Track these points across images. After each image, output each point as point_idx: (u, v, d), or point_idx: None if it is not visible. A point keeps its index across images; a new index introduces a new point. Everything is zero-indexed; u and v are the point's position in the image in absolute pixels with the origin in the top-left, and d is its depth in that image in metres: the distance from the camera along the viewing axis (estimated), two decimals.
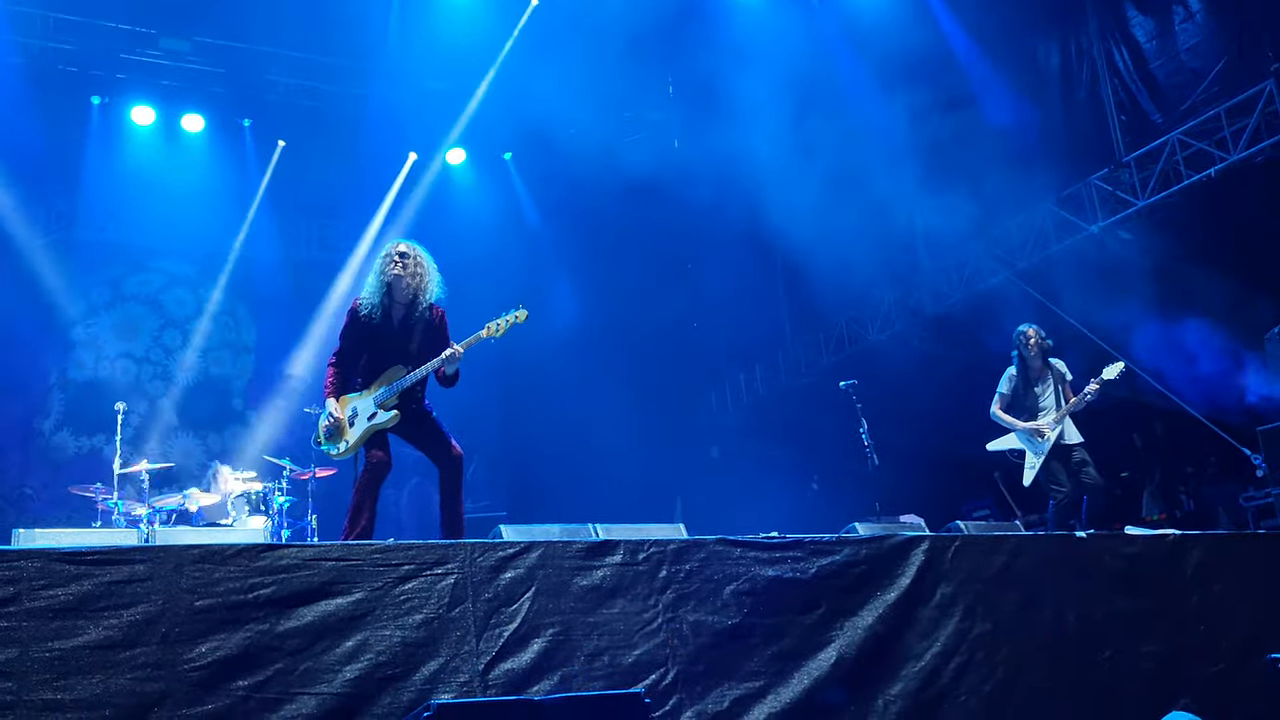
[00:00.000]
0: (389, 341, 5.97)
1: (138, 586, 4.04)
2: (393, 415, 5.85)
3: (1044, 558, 5.78)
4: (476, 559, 4.62)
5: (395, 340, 5.98)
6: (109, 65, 13.13)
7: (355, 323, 6.00)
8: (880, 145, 12.83)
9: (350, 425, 5.88)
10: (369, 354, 5.98)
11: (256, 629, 4.15)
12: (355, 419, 5.89)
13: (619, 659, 4.63)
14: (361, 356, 6.00)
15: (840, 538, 5.45)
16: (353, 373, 6.02)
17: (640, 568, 4.87)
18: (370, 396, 5.91)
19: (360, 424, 5.88)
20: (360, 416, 5.89)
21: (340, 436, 5.89)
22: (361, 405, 5.92)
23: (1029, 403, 8.32)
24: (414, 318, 6.00)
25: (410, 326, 6.00)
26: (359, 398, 5.94)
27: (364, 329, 5.97)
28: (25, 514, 12.72)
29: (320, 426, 5.96)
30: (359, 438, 5.87)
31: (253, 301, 14.94)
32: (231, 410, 14.55)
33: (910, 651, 5.17)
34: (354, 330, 6.01)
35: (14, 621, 3.82)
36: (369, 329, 5.96)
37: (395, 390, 5.86)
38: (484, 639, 4.47)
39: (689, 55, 13.38)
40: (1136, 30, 11.28)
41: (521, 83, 13.33)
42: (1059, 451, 8.07)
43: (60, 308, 13.88)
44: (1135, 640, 5.68)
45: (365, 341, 5.98)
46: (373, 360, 5.97)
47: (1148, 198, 10.79)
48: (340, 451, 5.90)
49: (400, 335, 5.98)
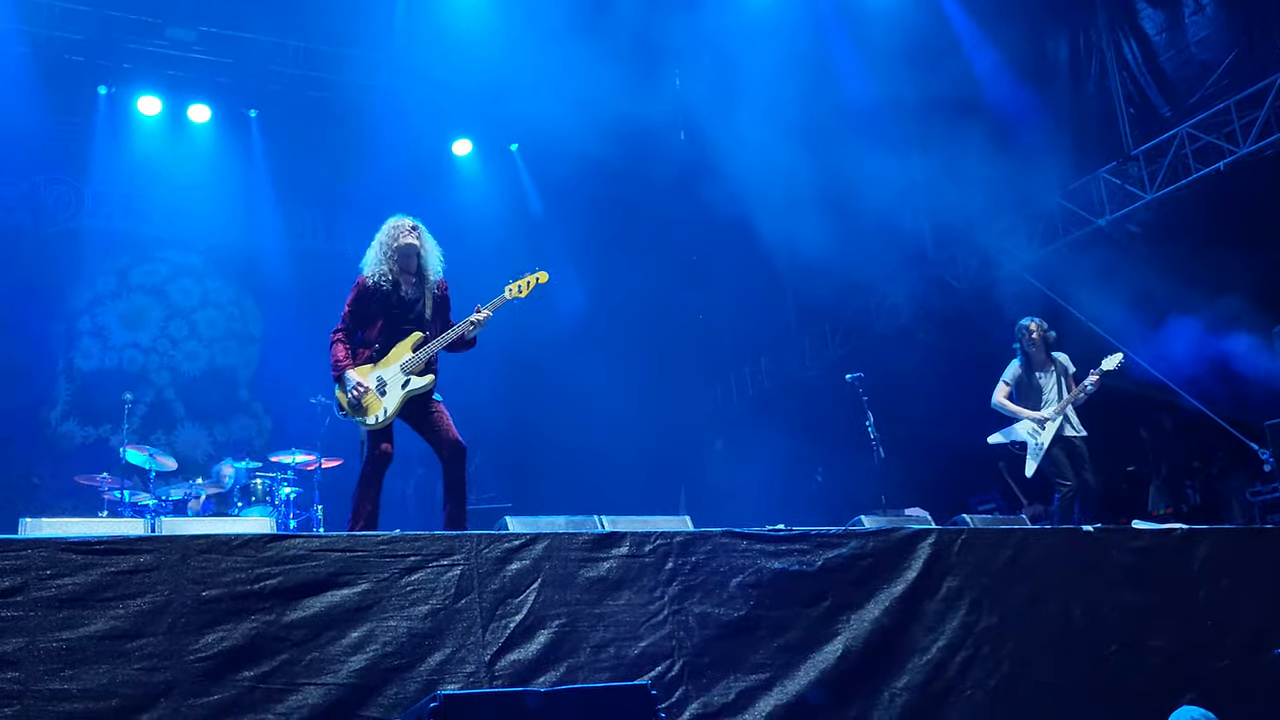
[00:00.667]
0: (402, 310, 5.99)
1: (144, 576, 4.04)
2: (428, 380, 5.89)
3: (1050, 552, 5.77)
4: (482, 550, 4.62)
5: (408, 309, 6.00)
6: (115, 55, 13.09)
7: (364, 295, 5.99)
8: (887, 136, 12.80)
9: (382, 394, 5.82)
10: (384, 323, 5.95)
11: (263, 619, 4.15)
12: (385, 387, 5.83)
13: (625, 651, 4.63)
14: (372, 327, 5.96)
15: (847, 530, 5.45)
16: (359, 345, 5.97)
17: (646, 559, 4.87)
18: (396, 364, 5.88)
19: (394, 391, 5.83)
20: (391, 384, 5.84)
21: (373, 407, 5.81)
22: (387, 374, 5.86)
23: (1032, 394, 8.32)
24: (423, 288, 6.06)
25: (420, 296, 6.05)
26: (379, 367, 5.89)
27: (374, 301, 5.96)
28: (32, 503, 12.73)
29: (344, 400, 5.84)
30: (397, 405, 5.83)
31: (259, 292, 14.94)
32: (238, 400, 14.55)
33: (916, 645, 5.17)
34: (362, 302, 5.99)
35: (21, 611, 3.83)
36: (380, 300, 5.96)
37: (425, 355, 5.88)
38: (490, 630, 4.48)
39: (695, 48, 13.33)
40: (1146, 23, 11.23)
41: (529, 73, 13.28)
42: (1062, 442, 8.08)
43: (67, 297, 13.89)
44: (1142, 635, 5.68)
45: (376, 312, 5.96)
46: (388, 329, 5.95)
47: (1156, 191, 10.75)
48: (379, 421, 5.81)
49: (413, 304, 6.02)
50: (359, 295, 6.01)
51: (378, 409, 5.82)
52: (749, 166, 12.68)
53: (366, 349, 5.94)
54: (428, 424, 5.97)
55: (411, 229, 6.09)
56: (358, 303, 6.01)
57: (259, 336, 14.86)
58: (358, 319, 6.01)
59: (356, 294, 6.03)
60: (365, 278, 6.02)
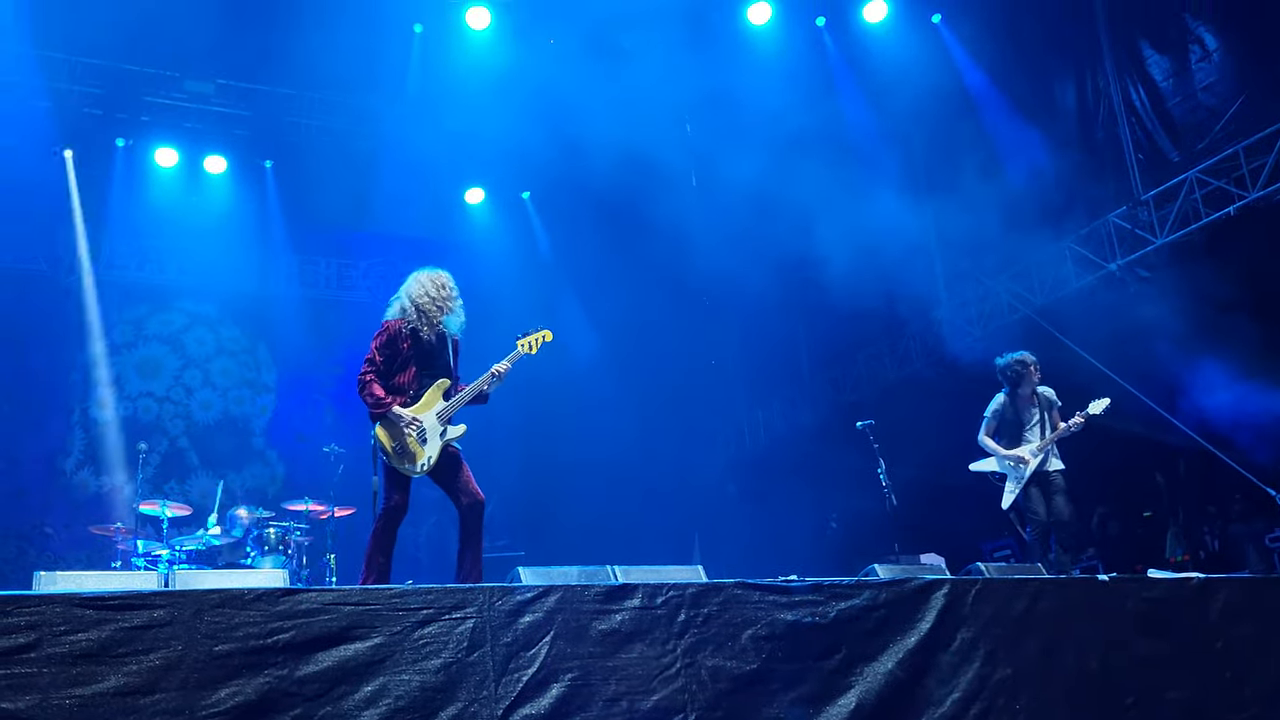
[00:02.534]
0: (430, 357, 6.02)
1: (158, 632, 4.04)
2: (462, 429, 5.96)
3: (1066, 602, 5.72)
4: (495, 603, 4.61)
5: (435, 356, 6.04)
6: (133, 108, 13.31)
7: (392, 340, 5.98)
8: (897, 183, 12.88)
9: (423, 443, 5.83)
10: (415, 370, 5.96)
11: (275, 674, 4.14)
12: (426, 435, 5.84)
13: (637, 704, 4.60)
14: (405, 372, 5.95)
15: (860, 581, 5.42)
16: (393, 390, 5.92)
17: (659, 612, 4.85)
18: (432, 411, 5.91)
19: (434, 440, 5.86)
20: (431, 432, 5.86)
21: (418, 454, 5.81)
22: (426, 420, 5.88)
23: (1015, 428, 8.38)
24: (447, 336, 6.13)
25: (444, 344, 6.11)
26: (417, 412, 5.89)
27: (401, 346, 5.97)
28: (46, 553, 12.77)
29: (389, 441, 5.80)
30: (438, 453, 5.86)
31: (272, 341, 15.04)
32: (252, 449, 14.60)
33: (931, 697, 5.12)
34: (393, 346, 5.97)
35: (35, 668, 3.82)
36: (410, 346, 5.97)
37: (458, 405, 5.95)
38: (503, 684, 4.46)
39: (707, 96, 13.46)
40: (1153, 69, 11.31)
41: (540, 122, 13.43)
42: (1039, 478, 8.13)
43: (83, 347, 14.00)
44: (1159, 686, 5.61)
45: (407, 358, 5.96)
46: (420, 375, 5.97)
47: (1166, 236, 10.77)
48: (423, 468, 5.82)
49: (440, 352, 6.07)
50: (390, 338, 5.98)
51: (422, 456, 5.83)
52: (759, 213, 12.77)
53: (401, 395, 5.91)
54: (449, 473, 5.95)
55: (452, 284, 6.18)
56: (388, 346, 5.97)
57: (273, 385, 14.94)
58: (389, 362, 5.96)
59: (387, 337, 5.99)
60: (396, 321, 6.02)
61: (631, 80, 12.55)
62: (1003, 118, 12.38)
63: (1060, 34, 12.04)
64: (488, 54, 13.35)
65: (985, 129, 12.49)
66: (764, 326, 15.21)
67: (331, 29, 12.24)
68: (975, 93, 12.68)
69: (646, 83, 12.66)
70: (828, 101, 13.16)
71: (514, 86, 13.53)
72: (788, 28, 13.34)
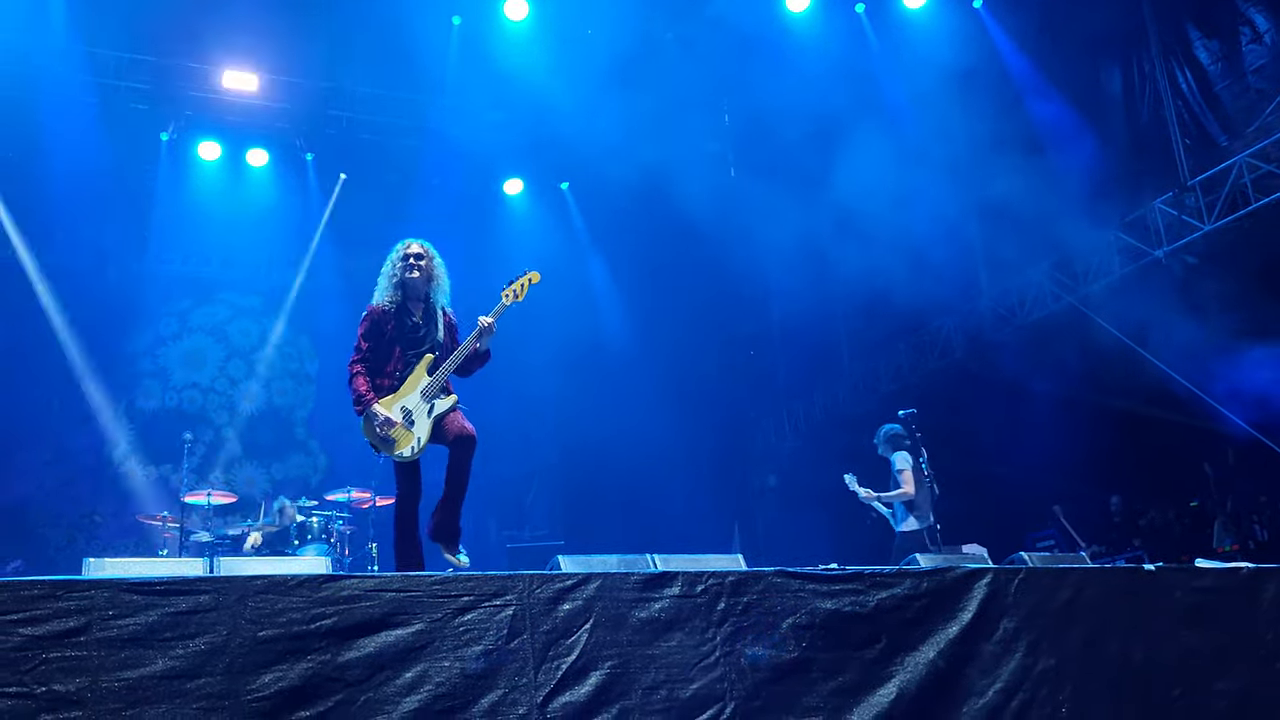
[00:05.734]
0: (414, 336, 5.94)
1: (203, 617, 4.09)
2: (452, 400, 5.87)
3: (1111, 592, 5.64)
4: (535, 590, 4.62)
5: (419, 334, 5.95)
6: (177, 103, 13.48)
7: (376, 325, 5.91)
8: (940, 170, 12.75)
9: (410, 425, 5.76)
10: (400, 351, 5.90)
11: (318, 659, 4.18)
12: (412, 416, 5.79)
13: (676, 693, 4.60)
14: (389, 356, 5.89)
15: (901, 570, 5.37)
16: (377, 375, 5.86)
17: (698, 600, 4.84)
18: (416, 391, 5.81)
19: (421, 420, 5.79)
20: (417, 413, 5.79)
21: (403, 440, 5.75)
22: (410, 402, 5.80)
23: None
24: (431, 312, 6.04)
25: (429, 320, 6.01)
26: (400, 397, 5.81)
27: (386, 329, 5.91)
28: (95, 541, 13.01)
29: (372, 436, 5.76)
30: (428, 433, 5.79)
31: (315, 332, 15.20)
32: (294, 439, 14.77)
33: (972, 688, 5.07)
34: (376, 332, 5.90)
35: (85, 651, 3.89)
36: (394, 328, 5.91)
37: (442, 377, 5.83)
38: (542, 671, 4.47)
39: (745, 84, 13.41)
40: (1200, 52, 11.10)
41: (579, 113, 13.45)
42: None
43: (130, 338, 14.24)
44: (1207, 678, 5.53)
45: (391, 341, 5.90)
46: (404, 357, 5.90)
47: (1214, 221, 10.58)
48: (414, 453, 5.76)
49: (424, 328, 5.98)
50: (371, 326, 5.91)
51: (409, 441, 5.77)
52: (799, 202, 12.70)
53: (386, 379, 5.85)
54: (442, 430, 5.86)
55: (415, 260, 6.05)
56: (370, 333, 5.90)
57: (315, 376, 15.09)
58: (372, 348, 5.89)
59: (369, 325, 5.92)
60: (375, 308, 5.96)
61: (669, 70, 12.52)
62: (1045, 103, 12.22)
63: (1104, 17, 11.84)
64: (526, 45, 13.38)
65: (1027, 115, 12.34)
66: (804, 316, 15.14)
67: (371, 22, 12.33)
68: (1017, 78, 12.52)
69: (684, 72, 12.63)
70: (867, 89, 13.05)
71: (552, 77, 13.55)
72: (827, 15, 13.25)
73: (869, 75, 13.18)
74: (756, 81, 13.18)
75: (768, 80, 13.06)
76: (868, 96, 12.94)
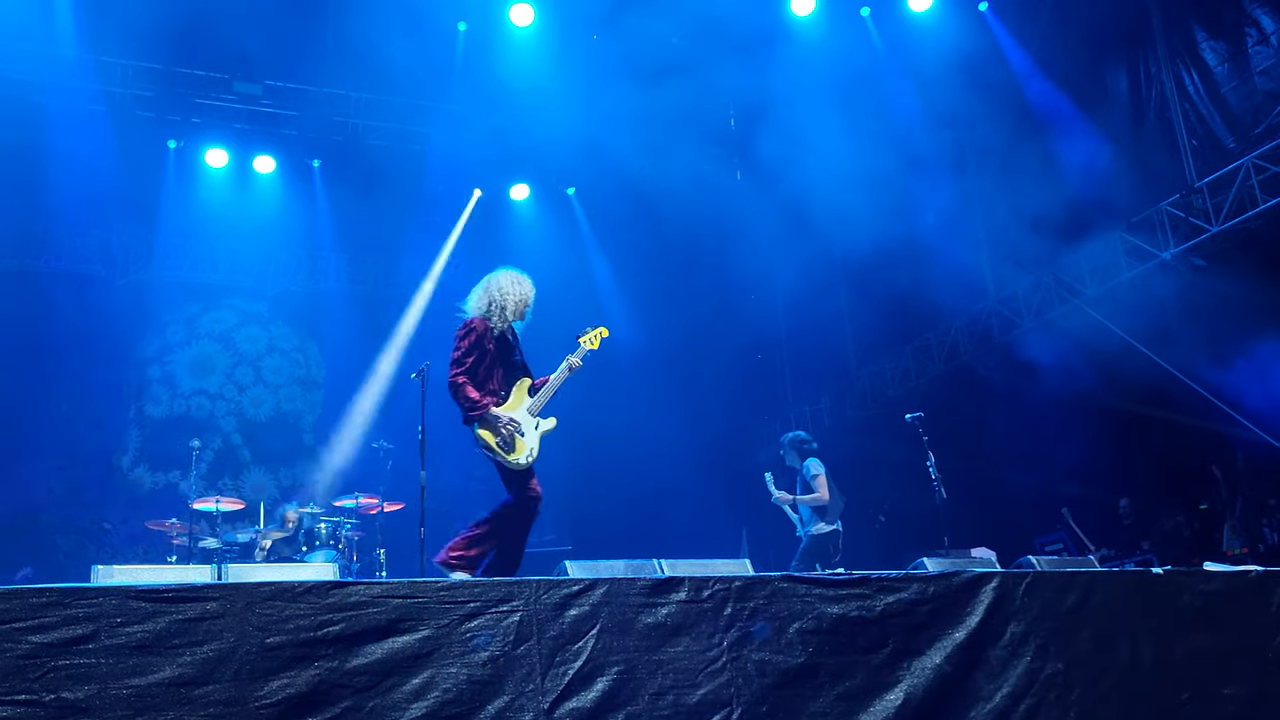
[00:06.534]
0: (510, 357, 6.22)
1: (210, 624, 4.10)
2: (552, 422, 6.18)
3: (1119, 595, 5.63)
4: (541, 596, 4.62)
5: (514, 356, 6.26)
6: (184, 110, 13.53)
7: (480, 340, 6.10)
8: (946, 173, 12.75)
9: (522, 436, 6.02)
10: (502, 371, 6.15)
11: (326, 666, 4.19)
12: (523, 429, 6.04)
13: (683, 698, 4.60)
14: (494, 375, 6.10)
15: (908, 574, 5.37)
16: (485, 391, 6.06)
17: (705, 605, 4.84)
18: (522, 408, 6.13)
19: (531, 432, 6.06)
20: (526, 426, 6.06)
21: (520, 446, 5.99)
22: (519, 415, 6.08)
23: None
24: (517, 337, 6.35)
25: (517, 341, 6.34)
26: (508, 410, 6.07)
27: (488, 347, 6.11)
28: (104, 548, 13.05)
29: (492, 438, 5.93)
30: (536, 444, 6.07)
31: (322, 338, 15.24)
32: (302, 445, 14.80)
33: (980, 693, 5.06)
34: (479, 347, 6.09)
35: (93, 658, 3.90)
36: (495, 349, 6.13)
37: (542, 401, 6.16)
38: (549, 677, 4.48)
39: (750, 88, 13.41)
40: (1207, 53, 11.06)
41: (584, 117, 13.48)
42: None
43: (138, 345, 14.29)
44: (1216, 682, 5.51)
45: (493, 360, 6.12)
46: (506, 375, 6.16)
47: (1222, 224, 10.54)
48: (528, 460, 6.00)
49: (516, 347, 6.29)
50: (476, 341, 6.09)
51: (524, 449, 6.00)
52: (805, 206, 12.70)
53: (490, 396, 6.04)
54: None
55: (527, 283, 6.38)
56: (476, 348, 6.08)
57: (323, 382, 15.13)
58: (476, 362, 6.07)
59: (475, 339, 6.09)
60: (481, 321, 6.14)
61: (675, 75, 12.53)
62: (1051, 105, 12.19)
63: (1110, 19, 11.83)
64: (531, 50, 13.41)
65: (1033, 117, 12.31)
66: (809, 320, 15.13)
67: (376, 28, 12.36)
68: (1023, 81, 12.50)
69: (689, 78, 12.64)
70: (873, 92, 13.04)
71: (558, 82, 13.58)
72: (832, 19, 13.24)
73: (874, 78, 13.17)
74: (762, 85, 13.17)
75: (773, 84, 13.05)
76: (874, 101, 12.93)
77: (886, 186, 12.14)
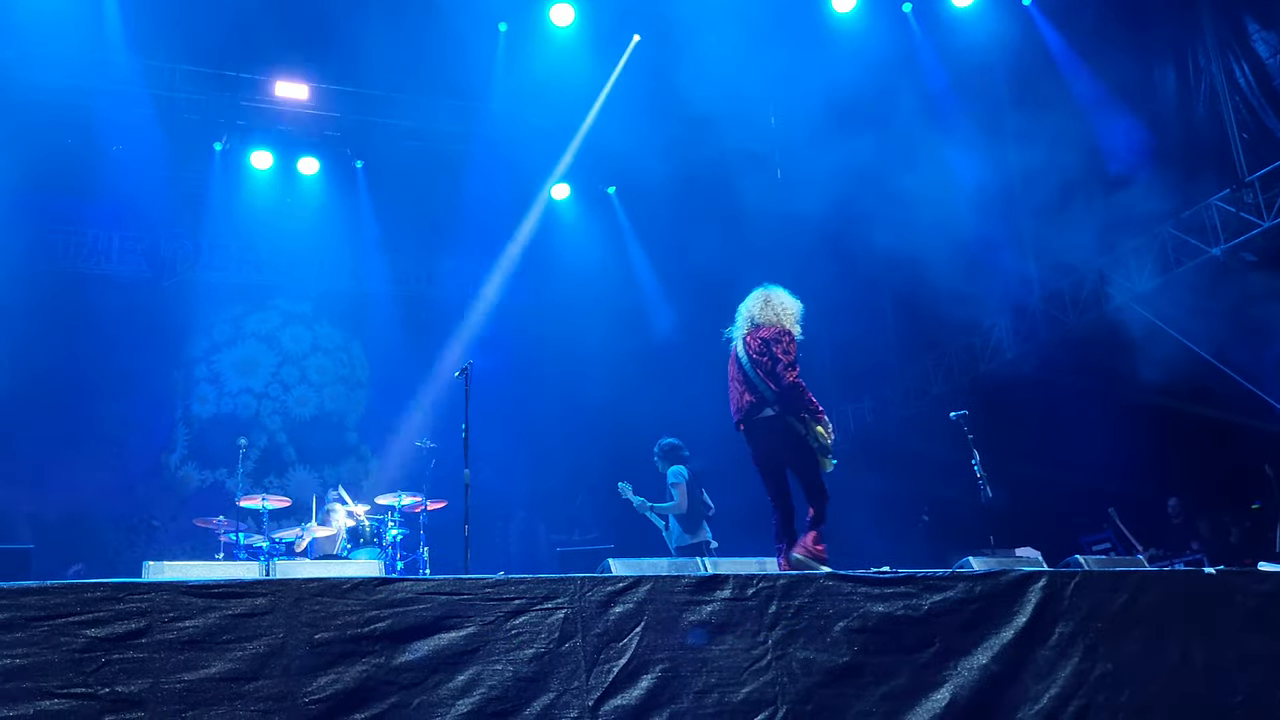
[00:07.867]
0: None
1: (260, 619, 4.15)
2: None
3: (1170, 595, 5.55)
4: (586, 594, 4.63)
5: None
6: (230, 112, 13.68)
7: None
8: (990, 169, 12.62)
9: None
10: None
11: (373, 662, 4.23)
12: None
13: (728, 697, 4.59)
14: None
15: (954, 573, 5.33)
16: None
17: (749, 603, 4.83)
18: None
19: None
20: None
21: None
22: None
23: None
24: None
25: None
26: None
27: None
28: (153, 545, 13.24)
29: (828, 443, 6.67)
30: None
31: (366, 338, 15.36)
32: (346, 444, 14.93)
33: (1027, 693, 5.01)
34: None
35: (146, 652, 3.96)
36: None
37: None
38: (594, 674, 4.49)
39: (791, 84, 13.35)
40: (1259, 45, 10.86)
41: (625, 117, 13.48)
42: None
43: (184, 345, 14.47)
44: (1270, 685, 5.41)
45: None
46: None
47: (1273, 218, 10.36)
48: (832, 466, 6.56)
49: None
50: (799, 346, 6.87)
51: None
52: (846, 203, 12.63)
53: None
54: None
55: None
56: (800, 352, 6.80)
57: (366, 381, 15.25)
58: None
59: (797, 345, 6.90)
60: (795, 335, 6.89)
61: (715, 73, 12.50)
62: (1098, 100, 12.02)
63: (1157, 11, 11.65)
64: (572, 50, 13.43)
65: (1079, 111, 12.15)
66: (852, 318, 15.03)
67: (418, 30, 12.43)
68: (1068, 75, 12.33)
69: (730, 75, 12.59)
70: (915, 89, 12.94)
71: (598, 82, 13.58)
72: (873, 14, 13.14)
73: (917, 74, 13.07)
74: (803, 83, 13.09)
75: (814, 80, 12.97)
76: (915, 96, 12.83)
77: (930, 182, 12.04)
